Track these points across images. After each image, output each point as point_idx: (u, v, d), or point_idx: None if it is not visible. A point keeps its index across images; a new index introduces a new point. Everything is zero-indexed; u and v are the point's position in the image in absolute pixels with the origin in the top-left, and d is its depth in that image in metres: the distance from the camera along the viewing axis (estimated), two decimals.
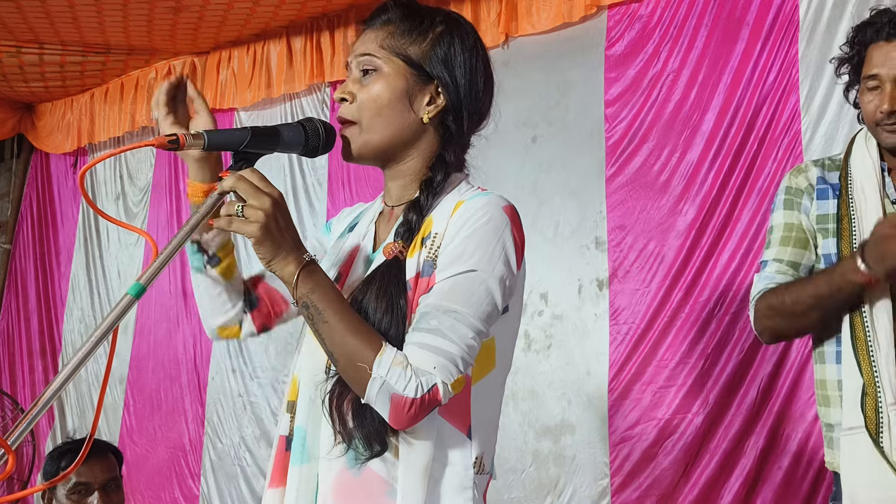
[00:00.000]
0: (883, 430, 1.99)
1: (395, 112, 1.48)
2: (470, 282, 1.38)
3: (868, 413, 2.01)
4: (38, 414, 1.21)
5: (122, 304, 1.25)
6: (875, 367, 2.01)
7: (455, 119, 1.52)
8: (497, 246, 1.40)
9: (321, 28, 4.43)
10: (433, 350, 1.32)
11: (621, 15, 3.56)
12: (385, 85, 1.48)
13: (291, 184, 4.59)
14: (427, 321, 1.35)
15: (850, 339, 2.06)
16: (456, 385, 1.33)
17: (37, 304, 5.94)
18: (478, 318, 1.37)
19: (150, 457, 5.02)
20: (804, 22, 3.10)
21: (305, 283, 1.35)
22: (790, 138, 3.06)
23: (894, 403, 1.98)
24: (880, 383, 2.00)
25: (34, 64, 5.12)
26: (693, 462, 3.10)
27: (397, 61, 1.49)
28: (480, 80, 1.55)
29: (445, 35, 1.52)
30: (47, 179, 6.09)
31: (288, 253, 1.35)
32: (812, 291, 2.07)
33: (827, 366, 2.14)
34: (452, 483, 1.40)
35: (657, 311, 3.25)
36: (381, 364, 1.31)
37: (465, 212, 1.43)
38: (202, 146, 1.36)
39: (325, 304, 1.35)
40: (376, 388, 1.30)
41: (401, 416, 1.31)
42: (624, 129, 3.46)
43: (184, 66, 5.05)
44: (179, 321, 5.04)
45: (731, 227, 3.15)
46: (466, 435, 1.42)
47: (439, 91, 1.51)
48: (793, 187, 2.23)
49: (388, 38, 1.50)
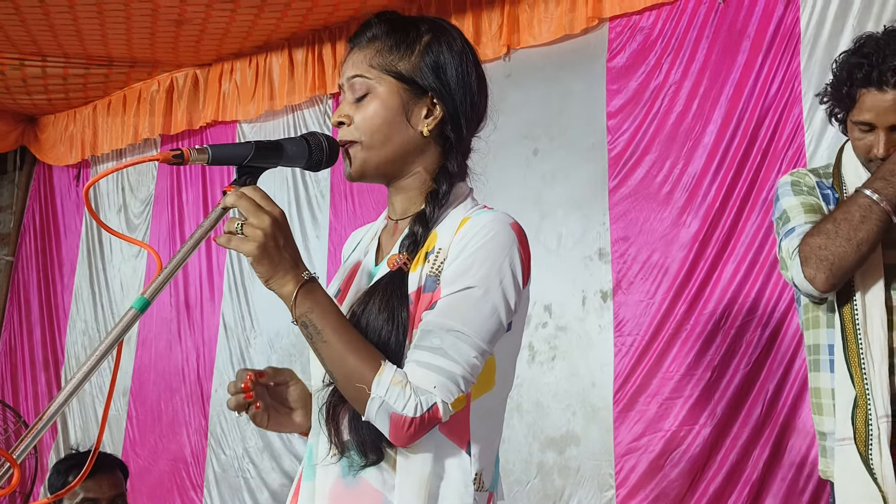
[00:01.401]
0: (872, 442, 2.00)
1: (394, 130, 1.48)
2: (475, 299, 1.37)
3: (858, 425, 2.02)
4: (44, 428, 1.21)
5: (126, 318, 1.25)
6: (866, 380, 2.02)
7: (454, 128, 1.51)
8: (504, 263, 1.39)
9: (323, 40, 4.44)
10: (434, 369, 1.32)
11: (622, 27, 3.56)
12: (380, 105, 1.47)
13: (294, 196, 4.60)
14: (429, 339, 1.34)
15: (843, 350, 2.07)
16: (457, 404, 1.33)
17: (39, 316, 5.94)
18: (481, 336, 1.36)
19: (153, 468, 5.02)
20: (805, 35, 3.10)
21: (304, 303, 1.34)
22: (794, 151, 3.06)
23: (885, 416, 2.00)
24: (871, 395, 2.01)
25: (37, 76, 5.13)
26: (700, 474, 3.10)
27: (389, 79, 1.48)
28: (474, 82, 1.53)
29: (433, 44, 1.50)
30: (50, 191, 6.09)
31: (286, 272, 1.35)
32: (848, 209, 2.04)
33: (822, 374, 2.15)
34: (452, 499, 1.39)
35: (662, 322, 3.25)
36: (380, 384, 1.30)
37: (472, 228, 1.42)
38: (206, 160, 1.36)
39: (324, 324, 1.34)
40: (375, 407, 1.30)
41: (400, 434, 1.31)
42: (626, 140, 3.46)
43: (186, 78, 5.06)
44: (182, 333, 5.04)
45: (735, 239, 3.15)
46: (465, 451, 1.41)
47: (435, 102, 1.49)
48: (799, 182, 2.23)
49: (376, 55, 1.49)
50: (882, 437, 1.99)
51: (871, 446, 2.00)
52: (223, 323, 4.82)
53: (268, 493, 4.45)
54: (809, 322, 2.22)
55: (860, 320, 2.05)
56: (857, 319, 2.06)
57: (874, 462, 1.99)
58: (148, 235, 5.28)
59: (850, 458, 2.02)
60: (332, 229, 4.43)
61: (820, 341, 2.16)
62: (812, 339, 2.20)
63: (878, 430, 2.00)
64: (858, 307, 2.07)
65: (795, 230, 2.13)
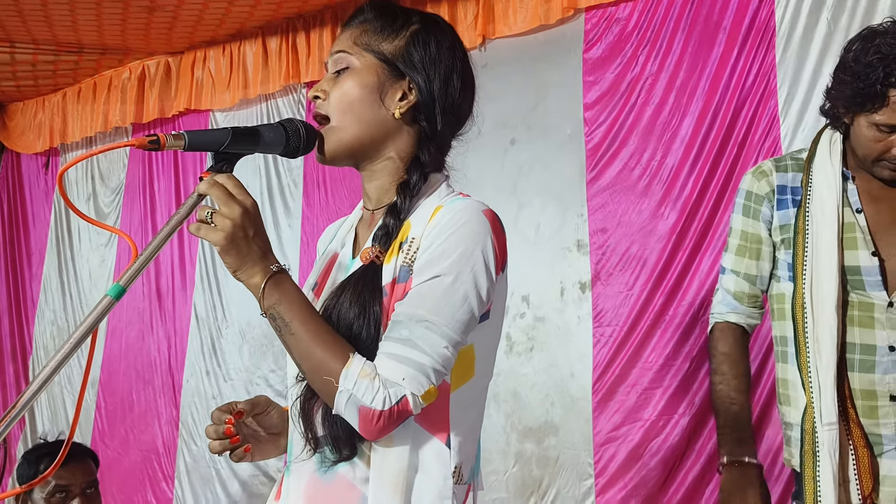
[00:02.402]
0: (819, 449, 2.02)
1: (365, 107, 1.46)
2: (444, 288, 1.34)
3: (806, 432, 2.05)
4: (15, 418, 1.20)
5: (101, 305, 1.24)
6: (812, 388, 2.05)
7: (428, 117, 1.49)
8: (475, 250, 1.37)
9: (297, 28, 4.41)
10: (403, 361, 1.30)
11: (598, 18, 3.57)
12: (356, 80, 1.47)
13: (267, 185, 4.57)
14: (398, 330, 1.33)
15: (795, 358, 2.10)
16: (427, 396, 1.31)
17: (7, 306, 5.88)
18: (451, 327, 1.33)
19: (123, 460, 4.98)
20: (780, 28, 3.12)
21: (272, 294, 1.33)
22: (770, 143, 3.08)
23: (829, 424, 2.02)
24: (816, 403, 2.04)
25: (5, 63, 5.07)
26: (679, 463, 3.13)
27: (369, 57, 1.48)
28: (457, 80, 1.52)
29: (420, 33, 1.50)
30: (18, 180, 6.02)
31: (255, 263, 1.33)
32: (715, 407, 2.27)
33: (789, 366, 2.17)
34: (430, 492, 1.36)
35: (640, 313, 3.27)
36: (348, 376, 1.29)
37: (444, 216, 1.39)
38: (183, 146, 1.34)
39: (292, 316, 1.32)
40: (343, 400, 1.29)
41: (369, 427, 1.29)
42: (603, 132, 3.47)
43: (158, 65, 5.01)
44: (153, 323, 5.01)
45: (712, 230, 3.17)
46: (445, 443, 1.39)
47: (411, 87, 1.48)
48: (753, 192, 2.25)
49: (362, 35, 1.49)
50: (828, 445, 2.01)
51: (818, 454, 2.02)
52: (195, 313, 4.79)
53: (238, 484, 4.44)
54: (775, 313, 2.24)
55: (809, 324, 2.07)
56: (807, 323, 2.08)
57: (822, 466, 2.01)
58: (118, 225, 5.23)
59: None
60: (304, 218, 4.41)
61: (786, 333, 2.18)
62: (779, 331, 2.22)
63: (822, 437, 2.02)
64: (808, 311, 2.08)
65: (724, 281, 2.31)
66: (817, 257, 2.09)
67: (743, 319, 2.27)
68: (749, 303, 2.27)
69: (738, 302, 2.26)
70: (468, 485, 1.45)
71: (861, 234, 2.09)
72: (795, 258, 2.13)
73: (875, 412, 2.04)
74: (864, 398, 2.04)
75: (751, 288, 2.26)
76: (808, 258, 2.10)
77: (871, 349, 2.05)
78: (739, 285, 2.26)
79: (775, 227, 2.21)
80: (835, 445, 2.01)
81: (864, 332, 2.06)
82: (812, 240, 2.11)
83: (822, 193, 2.13)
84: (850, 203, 2.12)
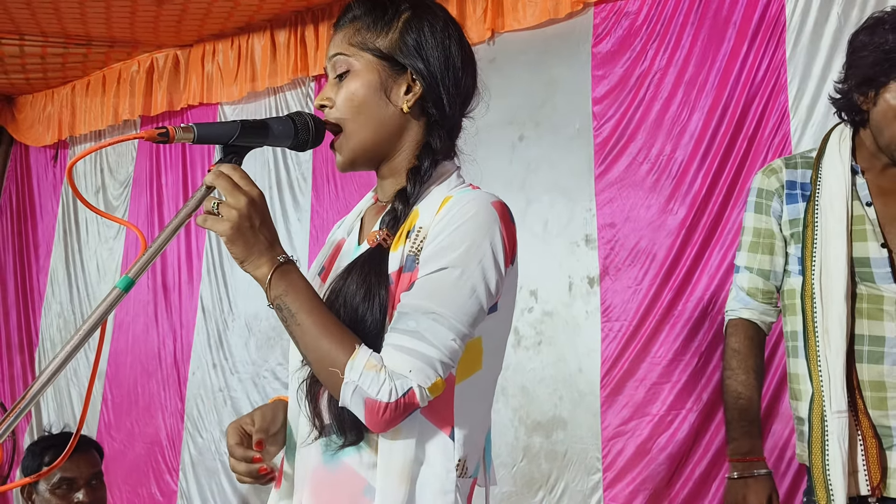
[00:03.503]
0: (828, 438, 2.02)
1: (373, 107, 1.47)
2: (453, 280, 1.34)
3: (814, 422, 2.04)
4: (24, 410, 1.20)
5: (110, 297, 1.25)
6: (822, 376, 2.05)
7: (436, 104, 1.49)
8: (483, 242, 1.36)
9: (305, 21, 4.41)
10: (410, 353, 1.30)
11: (608, 12, 3.56)
12: (359, 82, 1.47)
13: (276, 178, 4.57)
14: (405, 322, 1.32)
15: (804, 346, 2.09)
16: (434, 389, 1.30)
17: (15, 299, 5.88)
18: (459, 319, 1.33)
19: (128, 452, 4.99)
20: (790, 23, 3.11)
21: (278, 285, 1.33)
22: (780, 139, 3.07)
23: (839, 412, 2.02)
24: (825, 391, 2.04)
25: (15, 55, 5.06)
26: (686, 458, 3.13)
27: (367, 56, 1.47)
28: (457, 58, 1.52)
29: (413, 20, 1.50)
30: (27, 172, 6.03)
31: (261, 254, 1.34)
32: (724, 401, 2.28)
33: (799, 360, 2.18)
34: (433, 485, 1.36)
35: (649, 308, 3.26)
36: (354, 368, 1.28)
37: (453, 207, 1.39)
38: (192, 139, 1.34)
39: (298, 306, 1.32)
40: (349, 392, 1.29)
41: (376, 419, 1.29)
42: (612, 127, 3.46)
43: (167, 58, 5.01)
44: (158, 316, 5.01)
45: (722, 226, 3.16)
46: (449, 436, 1.39)
47: (414, 78, 1.48)
48: (763, 189, 2.26)
49: (355, 34, 1.49)
50: (837, 432, 2.01)
51: (827, 443, 2.02)
52: (201, 306, 4.79)
53: None
54: (787, 309, 2.24)
55: (818, 314, 2.07)
56: (816, 313, 2.07)
57: (831, 458, 2.01)
58: (126, 217, 5.23)
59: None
60: (314, 212, 4.40)
61: (797, 328, 2.18)
62: (790, 326, 2.23)
63: (832, 425, 2.02)
64: (817, 301, 2.08)
65: (738, 279, 2.31)
66: (826, 249, 2.09)
67: (756, 316, 2.27)
68: (763, 299, 2.26)
69: (752, 298, 2.26)
70: (473, 478, 1.45)
71: (871, 227, 2.09)
72: (805, 250, 2.14)
73: (884, 403, 2.04)
74: (873, 389, 2.04)
75: (765, 283, 2.26)
76: (816, 250, 2.11)
77: (881, 341, 2.05)
78: (753, 281, 2.27)
79: (785, 221, 2.21)
80: (845, 433, 2.01)
81: (873, 323, 2.06)
82: (821, 232, 2.11)
83: (831, 187, 2.14)
84: (860, 196, 2.13)
